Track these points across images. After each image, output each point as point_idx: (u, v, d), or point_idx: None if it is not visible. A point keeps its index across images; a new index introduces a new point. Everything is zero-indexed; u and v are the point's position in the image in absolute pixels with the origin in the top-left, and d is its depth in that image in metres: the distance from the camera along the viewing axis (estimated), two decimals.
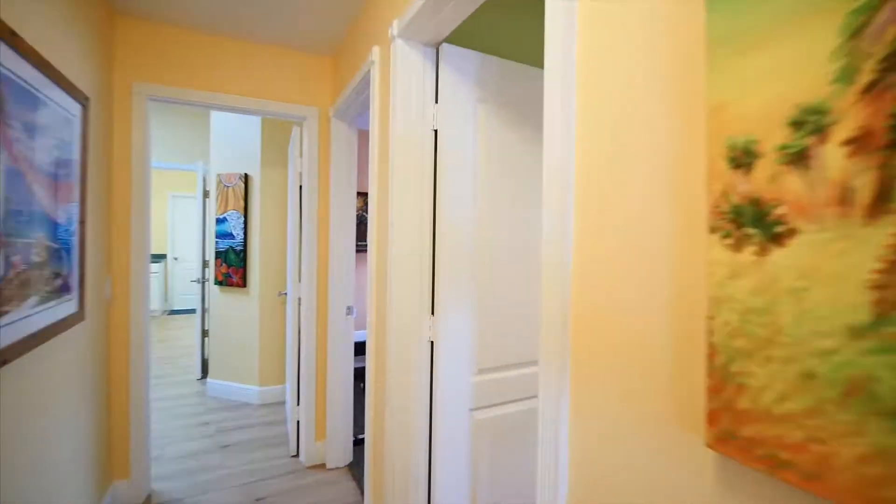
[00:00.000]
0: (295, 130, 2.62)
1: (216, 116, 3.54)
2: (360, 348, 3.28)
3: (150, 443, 2.24)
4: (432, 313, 1.54)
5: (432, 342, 1.53)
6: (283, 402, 3.47)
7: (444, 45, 1.48)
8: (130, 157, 2.13)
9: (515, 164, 1.63)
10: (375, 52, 1.68)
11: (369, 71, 1.76)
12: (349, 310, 2.47)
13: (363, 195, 3.88)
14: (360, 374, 3.29)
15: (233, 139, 3.48)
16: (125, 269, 2.13)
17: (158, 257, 7.52)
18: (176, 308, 7.62)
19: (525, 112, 1.64)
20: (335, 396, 2.50)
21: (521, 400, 1.69)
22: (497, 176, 1.59)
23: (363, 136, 4.03)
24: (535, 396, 1.73)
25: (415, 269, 1.50)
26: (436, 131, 1.52)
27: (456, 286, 1.52)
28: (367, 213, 3.96)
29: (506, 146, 1.60)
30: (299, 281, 2.55)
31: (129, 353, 2.14)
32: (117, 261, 2.12)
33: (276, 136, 3.43)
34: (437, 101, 1.51)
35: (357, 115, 2.35)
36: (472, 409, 1.58)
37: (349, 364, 2.54)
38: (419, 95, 1.50)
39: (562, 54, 0.79)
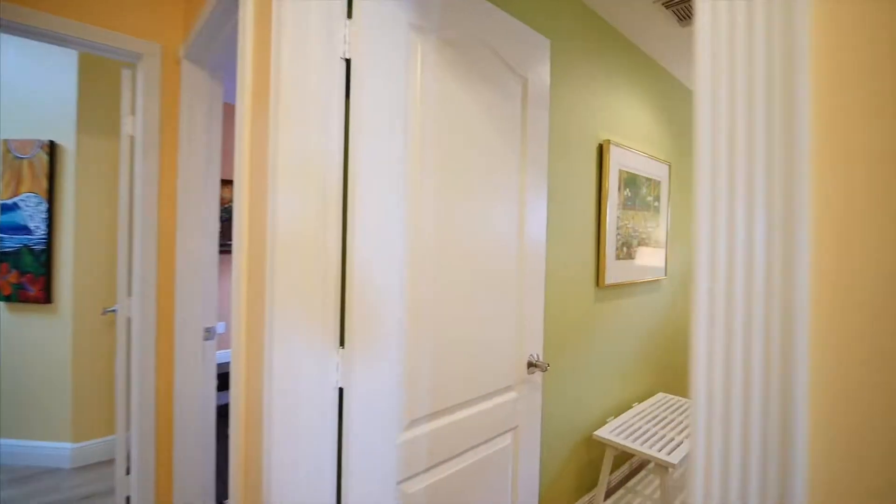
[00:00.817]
0: (125, 76, 1.82)
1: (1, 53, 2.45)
2: (227, 377, 2.51)
3: None
4: (342, 344, 1.00)
5: (341, 389, 0.99)
6: (113, 461, 2.52)
7: None
8: None
9: (469, 132, 1.17)
10: None
11: None
12: (209, 332, 1.76)
13: (230, 185, 3.08)
14: (226, 413, 2.52)
15: (30, 90, 2.43)
16: None
17: None
18: None
19: (482, 61, 1.20)
20: (187, 455, 1.76)
21: (471, 449, 1.23)
22: (441, 143, 1.11)
23: (230, 112, 3.23)
24: (491, 439, 1.29)
25: (313, 277, 0.95)
26: (348, 63, 0.98)
27: (378, 303, 1.00)
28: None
29: (453, 102, 1.14)
30: (129, 294, 1.76)
31: None
32: None
33: (103, 88, 2.49)
34: (350, 16, 0.98)
35: (221, 57, 1.67)
36: (399, 482, 1.08)
37: (209, 403, 1.83)
38: (323, 4, 0.95)
39: None
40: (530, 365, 1.43)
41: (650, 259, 2.58)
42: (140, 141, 1.71)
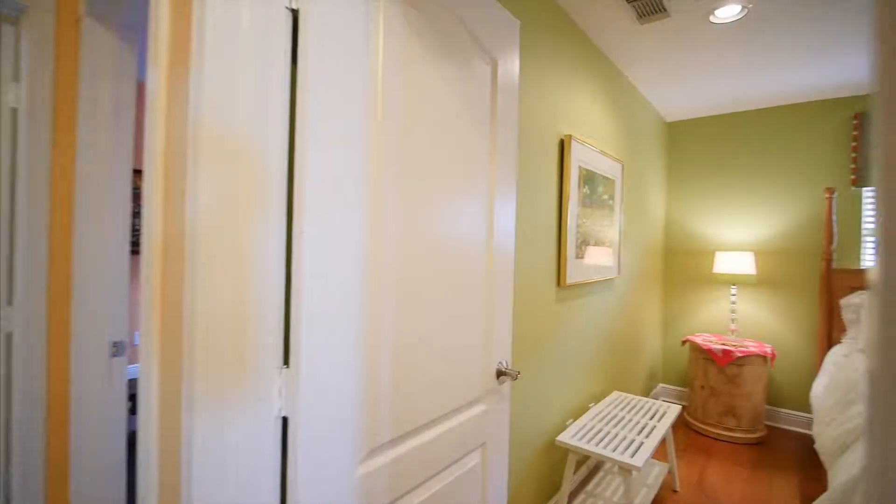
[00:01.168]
0: (5, 33, 1.47)
1: None
2: None
3: None
4: (286, 363, 0.81)
5: (286, 419, 0.80)
6: None
7: None
8: None
9: (436, 112, 1.02)
10: None
11: None
12: (117, 347, 1.47)
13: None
14: None
15: None
16: None
17: None
18: None
19: (450, 33, 1.05)
20: (87, 498, 1.46)
21: (438, 474, 1.08)
22: (405, 122, 0.95)
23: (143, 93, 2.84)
24: (459, 459, 1.14)
25: (246, 282, 0.75)
26: (295, 14, 0.80)
27: (331, 310, 0.83)
28: None
29: (420, 76, 0.98)
30: (9, 303, 1.42)
31: None
32: None
33: None
34: None
35: (133, 15, 1.40)
36: None
37: (118, 431, 1.53)
38: None
39: None
40: (499, 374, 1.30)
41: (605, 258, 2.57)
42: (25, 114, 1.39)
